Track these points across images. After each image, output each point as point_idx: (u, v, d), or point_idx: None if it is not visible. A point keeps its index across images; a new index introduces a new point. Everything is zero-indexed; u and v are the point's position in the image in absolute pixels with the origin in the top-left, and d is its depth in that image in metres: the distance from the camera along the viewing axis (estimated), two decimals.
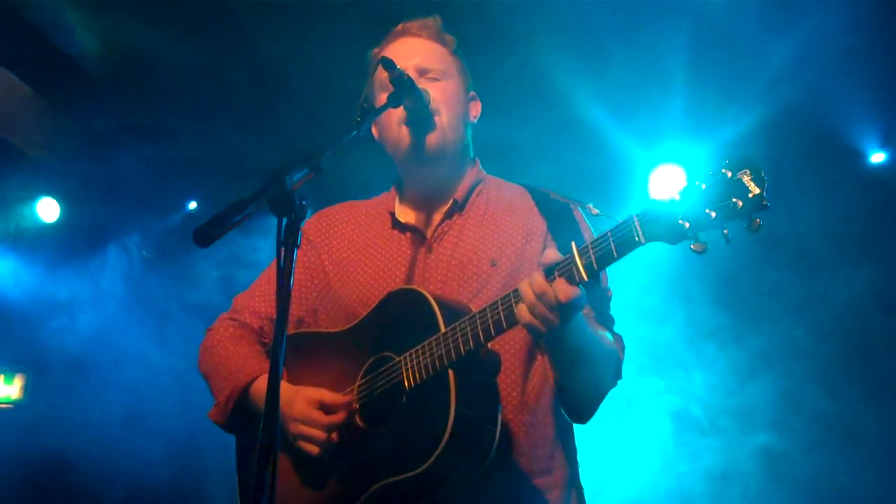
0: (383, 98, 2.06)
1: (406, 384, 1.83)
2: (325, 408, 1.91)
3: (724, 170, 1.46)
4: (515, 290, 1.72)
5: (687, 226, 1.47)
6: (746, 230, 1.44)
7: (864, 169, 5.13)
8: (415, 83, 2.04)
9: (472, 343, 1.74)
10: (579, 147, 5.06)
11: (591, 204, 1.86)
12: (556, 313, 1.65)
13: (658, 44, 4.45)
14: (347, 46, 2.69)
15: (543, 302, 1.64)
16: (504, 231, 2.12)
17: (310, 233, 2.30)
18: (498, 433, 1.76)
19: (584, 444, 2.18)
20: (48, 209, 6.43)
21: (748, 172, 1.44)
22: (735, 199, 1.43)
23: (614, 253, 1.58)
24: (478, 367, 1.80)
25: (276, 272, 1.48)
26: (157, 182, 6.21)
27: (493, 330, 1.74)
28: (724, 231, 1.47)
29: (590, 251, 1.62)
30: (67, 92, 5.44)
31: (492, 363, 1.85)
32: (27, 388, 6.53)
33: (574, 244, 1.66)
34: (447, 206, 2.18)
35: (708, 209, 1.45)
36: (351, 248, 2.23)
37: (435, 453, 1.69)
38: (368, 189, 2.44)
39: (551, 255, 1.68)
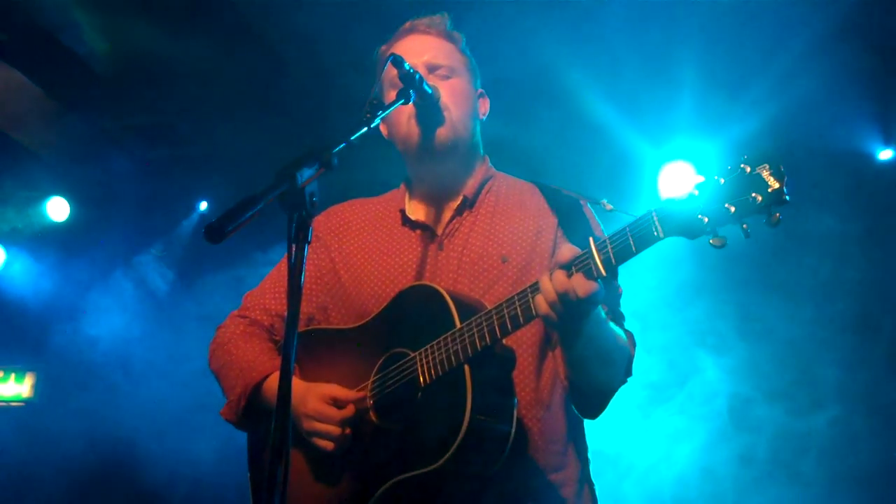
0: (392, 95, 2.06)
1: (421, 380, 1.82)
2: (338, 404, 1.91)
3: (743, 164, 1.45)
4: (532, 285, 1.71)
5: (706, 221, 1.47)
6: (766, 225, 1.44)
7: (873, 166, 5.13)
8: (424, 80, 2.03)
9: (489, 338, 1.74)
10: (588, 144, 5.06)
11: (604, 199, 1.85)
12: (575, 308, 1.65)
13: (667, 41, 4.45)
14: (353, 45, 2.69)
15: (561, 297, 1.64)
16: (514, 227, 2.11)
17: (319, 230, 2.29)
18: (514, 429, 1.75)
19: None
20: (58, 208, 6.47)
21: (767, 167, 1.43)
22: (754, 193, 1.43)
23: (633, 248, 1.58)
24: (494, 362, 1.79)
25: (286, 269, 1.46)
26: (165, 181, 6.22)
27: (509, 325, 1.73)
28: (744, 226, 1.46)
29: (608, 246, 1.61)
30: (76, 92, 5.46)
31: (507, 359, 1.84)
32: (37, 387, 6.56)
33: (592, 239, 1.65)
34: (457, 202, 2.18)
35: (727, 204, 1.45)
36: (361, 246, 2.23)
37: (451, 449, 1.68)
38: (375, 187, 2.43)
39: (568, 249, 1.68)
